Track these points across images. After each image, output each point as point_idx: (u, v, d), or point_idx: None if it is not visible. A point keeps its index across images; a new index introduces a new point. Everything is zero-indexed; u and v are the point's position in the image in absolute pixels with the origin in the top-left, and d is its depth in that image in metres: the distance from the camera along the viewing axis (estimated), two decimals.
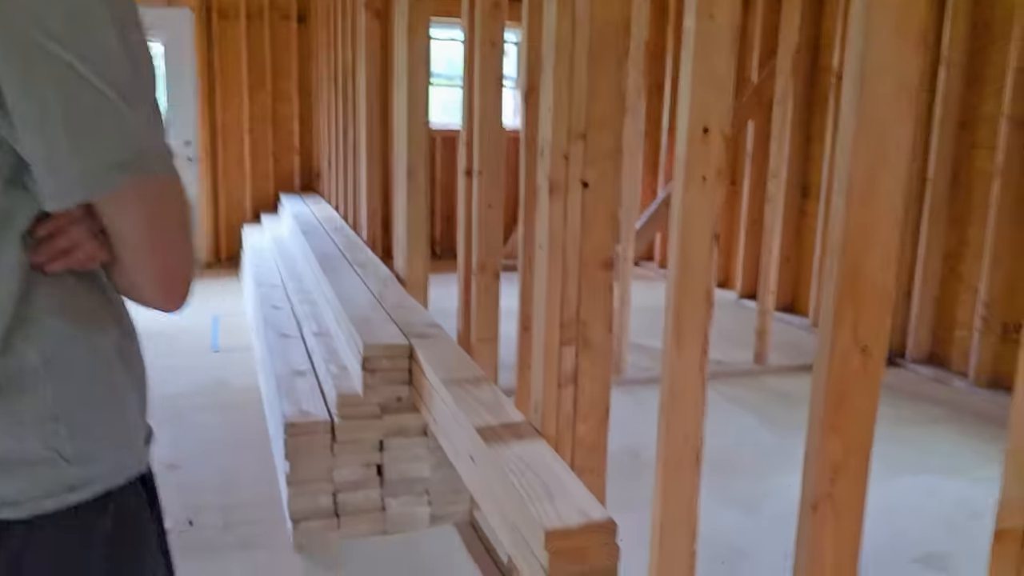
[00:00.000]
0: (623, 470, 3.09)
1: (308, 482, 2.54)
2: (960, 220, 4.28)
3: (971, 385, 4.06)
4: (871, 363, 1.15)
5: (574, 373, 1.85)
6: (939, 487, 3.02)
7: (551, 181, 1.78)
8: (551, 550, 1.47)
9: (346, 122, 5.14)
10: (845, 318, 1.13)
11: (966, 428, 3.59)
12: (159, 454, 3.20)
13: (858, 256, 1.10)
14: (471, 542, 2.61)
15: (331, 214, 5.45)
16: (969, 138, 4.20)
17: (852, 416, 1.16)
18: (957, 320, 4.31)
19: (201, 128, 6.61)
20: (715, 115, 1.44)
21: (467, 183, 2.70)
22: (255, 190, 6.85)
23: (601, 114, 1.75)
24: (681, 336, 1.49)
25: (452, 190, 7.21)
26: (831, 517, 1.20)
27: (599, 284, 1.84)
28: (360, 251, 4.10)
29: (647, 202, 6.54)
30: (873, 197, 1.09)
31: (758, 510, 2.83)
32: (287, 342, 3.38)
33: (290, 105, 6.81)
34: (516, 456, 1.76)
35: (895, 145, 1.07)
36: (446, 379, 2.21)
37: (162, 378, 4.11)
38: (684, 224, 1.47)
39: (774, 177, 4.09)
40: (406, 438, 2.60)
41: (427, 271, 3.41)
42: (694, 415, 1.51)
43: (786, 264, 5.44)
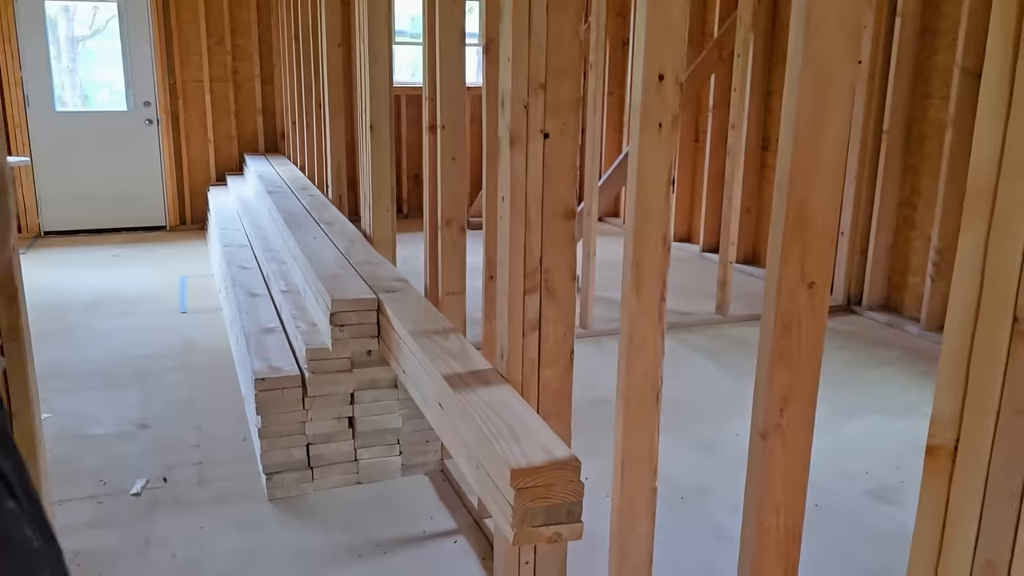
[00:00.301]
0: (590, 418, 3.18)
1: (281, 436, 2.58)
2: (913, 169, 4.38)
3: (923, 330, 4.20)
4: (817, 297, 1.21)
5: (538, 320, 1.90)
6: (890, 425, 3.15)
7: (512, 132, 1.81)
8: (516, 487, 1.53)
9: (309, 81, 5.09)
10: (792, 255, 1.18)
11: (917, 370, 3.73)
12: (129, 414, 3.23)
13: (804, 193, 1.15)
14: (442, 489, 2.68)
15: (296, 174, 5.41)
16: (922, 89, 4.29)
17: (799, 348, 1.22)
18: (910, 267, 4.44)
19: (160, 89, 6.49)
20: (670, 62, 1.48)
21: (431, 138, 2.72)
22: (218, 151, 6.76)
23: (560, 64, 1.78)
24: (640, 280, 1.54)
25: (418, 149, 7.17)
26: (780, 446, 1.27)
27: (561, 233, 1.88)
28: (326, 210, 4.10)
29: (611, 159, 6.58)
30: (818, 135, 1.14)
31: (718, 451, 2.93)
32: (256, 300, 3.39)
33: (251, 64, 6.70)
34: (483, 401, 1.81)
35: (839, 83, 1.12)
36: (414, 331, 2.25)
37: (130, 339, 4.10)
38: (641, 171, 1.52)
39: (734, 129, 4.14)
40: (376, 390, 2.64)
41: (394, 227, 3.43)
42: (653, 355, 1.57)
43: (747, 216, 5.53)
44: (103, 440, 3.01)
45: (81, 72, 6.73)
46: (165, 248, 6.19)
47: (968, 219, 0.92)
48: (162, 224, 6.79)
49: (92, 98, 6.78)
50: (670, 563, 2.25)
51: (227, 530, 2.43)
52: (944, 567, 0.97)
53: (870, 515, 2.52)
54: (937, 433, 0.98)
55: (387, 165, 3.35)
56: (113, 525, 2.45)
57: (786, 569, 1.31)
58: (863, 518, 2.50)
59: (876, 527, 2.45)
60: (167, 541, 2.37)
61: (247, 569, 2.24)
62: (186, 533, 2.41)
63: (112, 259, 5.84)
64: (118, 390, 3.47)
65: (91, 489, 2.66)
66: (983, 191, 0.90)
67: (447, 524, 2.47)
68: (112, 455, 2.89)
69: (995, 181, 0.89)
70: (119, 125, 6.53)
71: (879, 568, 2.25)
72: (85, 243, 6.35)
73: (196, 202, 6.81)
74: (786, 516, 1.27)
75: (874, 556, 2.31)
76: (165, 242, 6.41)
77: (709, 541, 2.38)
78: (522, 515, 1.54)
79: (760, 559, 1.29)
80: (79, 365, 3.75)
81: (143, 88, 6.50)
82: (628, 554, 1.65)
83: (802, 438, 1.26)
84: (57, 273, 5.41)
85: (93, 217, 6.61)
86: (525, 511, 1.54)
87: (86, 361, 3.81)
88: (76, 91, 6.71)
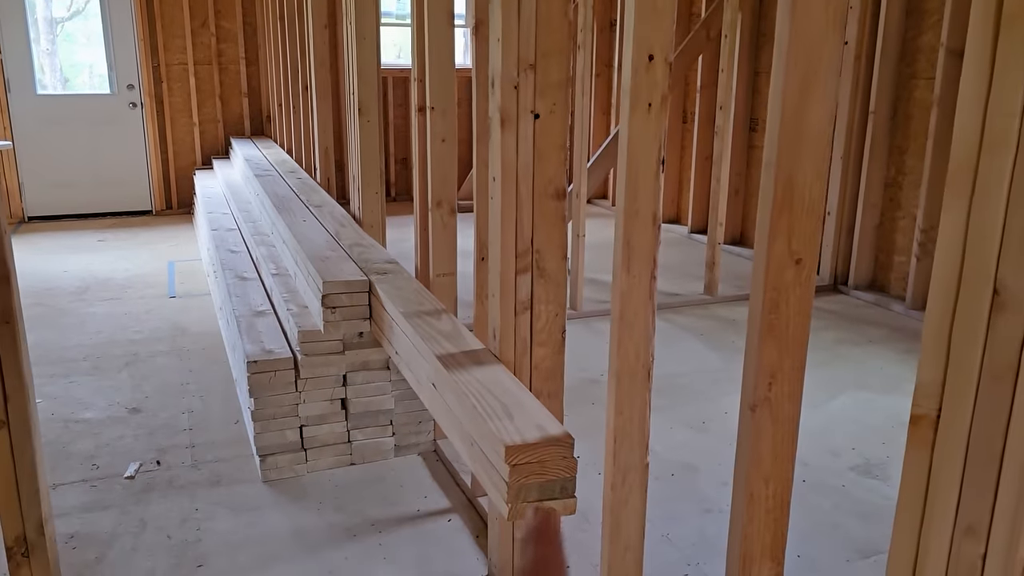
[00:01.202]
0: (581, 398, 3.22)
1: (274, 418, 2.60)
2: (899, 149, 4.42)
3: (908, 308, 4.25)
4: (804, 273, 1.23)
5: (530, 300, 1.92)
6: (875, 402, 3.20)
7: (502, 112, 1.82)
8: (511, 463, 1.56)
9: (295, 63, 5.06)
10: (779, 231, 1.20)
11: (902, 347, 3.78)
12: (120, 398, 3.23)
13: (791, 170, 1.17)
14: (435, 469, 2.70)
15: (283, 157, 5.39)
16: (908, 69, 4.31)
17: (787, 324, 1.24)
18: (896, 246, 4.49)
19: (144, 72, 6.43)
20: (659, 42, 1.49)
21: (420, 119, 2.72)
22: (204, 134, 6.72)
23: (550, 44, 1.79)
24: (630, 258, 1.56)
25: (406, 131, 7.15)
26: (768, 418, 1.30)
27: (552, 214, 1.90)
28: (315, 193, 4.10)
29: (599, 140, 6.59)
30: (805, 112, 1.16)
31: (707, 428, 2.97)
32: (246, 284, 3.39)
33: (236, 46, 6.65)
34: (476, 380, 1.83)
35: (825, 60, 1.14)
36: (406, 312, 2.27)
37: (120, 324, 4.10)
38: (631, 151, 1.53)
39: (722, 109, 4.16)
40: (369, 372, 2.66)
41: (383, 210, 3.43)
42: (644, 332, 1.59)
43: (735, 197, 5.56)
44: (94, 424, 3.01)
45: (60, 54, 6.66)
46: (151, 232, 6.17)
47: (950, 194, 0.94)
48: (148, 208, 6.75)
49: (72, 81, 6.72)
50: (660, 536, 2.29)
51: (222, 512, 2.45)
52: (927, 533, 1.00)
53: (856, 490, 2.56)
54: (920, 402, 1.01)
55: (376, 147, 3.35)
56: (108, 508, 2.46)
57: (775, 539, 1.34)
58: (850, 493, 2.55)
59: (862, 501, 2.50)
60: (162, 523, 2.38)
61: (243, 550, 2.26)
62: (181, 515, 2.42)
63: (98, 244, 5.82)
64: (108, 375, 3.47)
65: (84, 473, 2.67)
66: (965, 166, 0.92)
67: (441, 503, 2.50)
68: (104, 439, 2.90)
69: (976, 157, 0.91)
70: (102, 108, 6.48)
71: (866, 541, 2.30)
72: (70, 228, 6.31)
73: (182, 186, 6.78)
74: (775, 487, 1.30)
75: (861, 530, 2.35)
76: (151, 226, 6.38)
77: (699, 514, 2.42)
78: (516, 491, 1.56)
79: (749, 529, 1.32)
80: (68, 350, 3.75)
81: (126, 71, 6.44)
82: (620, 528, 1.68)
83: (790, 410, 1.28)
84: (43, 258, 5.38)
85: (78, 202, 6.57)
86: (520, 487, 1.56)
87: (75, 346, 3.80)
88: (56, 74, 6.64)
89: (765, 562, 1.35)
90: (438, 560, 2.22)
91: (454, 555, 2.24)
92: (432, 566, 2.19)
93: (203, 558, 2.22)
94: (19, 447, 1.65)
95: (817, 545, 2.27)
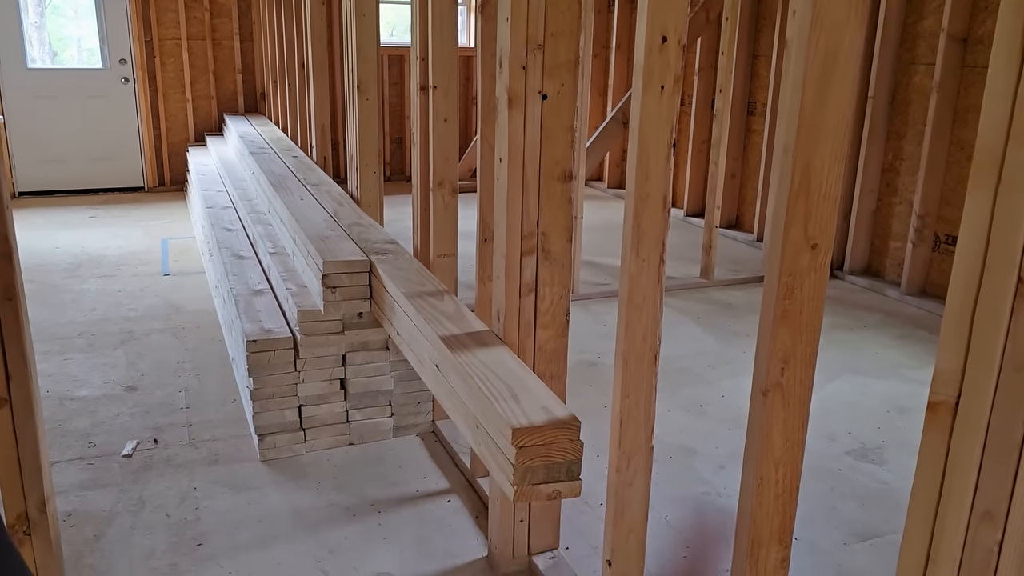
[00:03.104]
0: (579, 380, 3.22)
1: (273, 397, 2.59)
2: (897, 135, 4.42)
3: (903, 294, 4.27)
4: (819, 259, 1.23)
5: (535, 282, 1.91)
6: (870, 387, 3.21)
7: (510, 93, 1.80)
8: (518, 445, 1.56)
9: (291, 40, 5.00)
10: (796, 216, 1.20)
11: (897, 333, 3.80)
12: (116, 376, 3.21)
13: (809, 155, 1.17)
14: (434, 450, 2.71)
15: (279, 135, 5.35)
16: (908, 55, 4.30)
17: (801, 309, 1.24)
18: (892, 232, 4.50)
19: (136, 46, 6.35)
20: (673, 24, 1.48)
21: (422, 99, 2.69)
22: (197, 111, 6.65)
23: (559, 24, 1.77)
24: (640, 241, 1.55)
25: (400, 111, 7.10)
26: (780, 403, 1.30)
27: (558, 196, 1.88)
28: (311, 171, 4.06)
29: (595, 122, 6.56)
30: (825, 96, 1.15)
31: (704, 412, 2.98)
32: (243, 263, 3.37)
33: (230, 22, 6.57)
34: (480, 362, 1.83)
35: (847, 44, 1.13)
36: (408, 293, 2.26)
37: (114, 301, 4.07)
38: (643, 133, 1.52)
39: (721, 92, 4.14)
40: (368, 352, 2.65)
41: (381, 189, 3.41)
42: (652, 316, 1.59)
43: (731, 181, 5.56)
44: (90, 402, 3.00)
45: (48, 28, 6.56)
46: (144, 209, 6.11)
47: (975, 182, 0.93)
48: (140, 185, 6.69)
49: (60, 55, 6.62)
50: (659, 519, 2.30)
51: (220, 491, 2.44)
52: (942, 516, 1.00)
53: (853, 474, 2.58)
54: (939, 389, 1.01)
55: (375, 126, 3.32)
56: (106, 486, 2.45)
57: (783, 522, 1.34)
58: (846, 477, 2.56)
59: (859, 485, 2.52)
60: (161, 502, 2.38)
61: (242, 529, 2.26)
62: (180, 494, 2.42)
63: (90, 220, 5.76)
64: (103, 352, 3.45)
65: (81, 451, 2.65)
66: (991, 155, 0.91)
67: (440, 484, 2.50)
68: (100, 417, 2.88)
69: (1003, 145, 0.90)
70: (94, 83, 6.40)
71: (863, 525, 2.32)
72: (61, 204, 6.25)
73: (175, 163, 6.72)
74: (785, 471, 1.31)
75: (858, 513, 2.37)
76: (143, 203, 6.32)
77: (697, 498, 2.44)
78: (523, 473, 1.56)
79: (758, 513, 1.32)
80: (62, 327, 3.72)
81: (118, 45, 6.36)
82: (624, 511, 1.68)
83: (802, 395, 1.29)
84: (34, 235, 5.33)
85: (69, 177, 6.50)
86: (526, 469, 1.56)
87: (69, 323, 3.77)
88: (45, 47, 6.54)
89: (773, 545, 1.36)
90: (438, 540, 2.22)
91: (454, 536, 2.25)
92: (432, 546, 2.20)
93: (202, 537, 2.22)
94: (21, 425, 1.64)
95: (815, 528, 2.29)
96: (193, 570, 2.08)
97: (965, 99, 3.99)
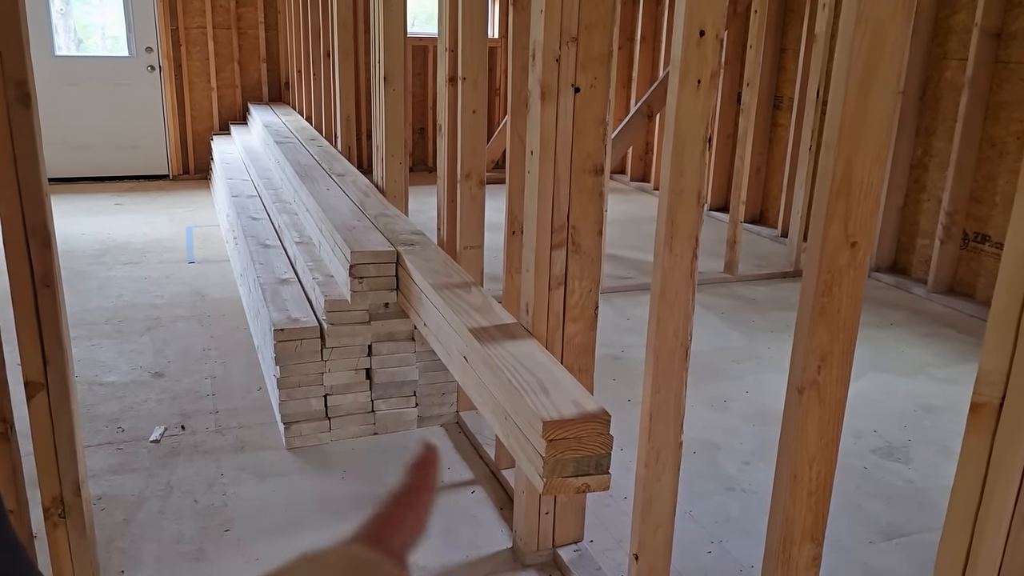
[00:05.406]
0: (603, 374, 3.22)
1: (299, 386, 2.61)
2: (927, 131, 4.36)
3: (929, 292, 4.22)
4: (859, 256, 1.22)
5: (564, 275, 1.91)
6: (896, 385, 3.19)
7: (542, 85, 1.80)
8: (548, 438, 1.56)
9: (316, 29, 5.01)
10: (836, 214, 1.19)
11: (923, 331, 3.77)
12: (143, 362, 3.25)
13: (851, 153, 1.15)
14: (458, 441, 2.72)
15: (303, 124, 5.37)
16: (939, 49, 4.25)
17: (839, 307, 1.23)
18: (920, 229, 4.45)
19: (163, 34, 6.39)
20: (711, 18, 1.47)
21: (451, 90, 2.69)
22: (222, 100, 6.69)
23: (593, 16, 1.76)
24: (673, 236, 1.55)
25: (423, 101, 7.11)
26: (816, 401, 1.29)
27: (589, 189, 1.88)
28: (337, 161, 4.08)
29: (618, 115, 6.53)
30: (868, 93, 1.14)
31: (728, 408, 2.97)
32: (268, 251, 3.39)
33: (255, 11, 6.59)
34: (510, 354, 1.83)
35: (891, 41, 1.12)
36: (436, 284, 2.26)
37: (140, 288, 4.11)
38: (678, 128, 1.51)
39: (748, 86, 4.11)
40: (394, 343, 2.66)
41: (407, 180, 3.42)
42: (684, 311, 1.58)
43: (756, 175, 5.52)
44: (118, 388, 3.03)
45: (74, 16, 6.61)
46: (168, 197, 6.16)
47: None
48: (164, 173, 6.74)
49: (86, 42, 6.67)
50: (684, 513, 2.30)
51: (247, 477, 2.46)
52: (983, 519, 1.00)
53: (879, 472, 2.57)
54: (982, 390, 1.00)
55: (400, 117, 3.32)
56: (134, 471, 2.48)
57: (816, 520, 1.34)
58: (872, 475, 2.55)
59: (885, 484, 2.50)
60: (189, 487, 2.40)
61: (269, 515, 2.28)
62: (207, 480, 2.44)
63: (115, 207, 5.82)
64: (130, 339, 3.49)
65: (110, 436, 2.69)
66: None
67: (464, 475, 2.51)
68: (128, 403, 2.92)
69: None
70: (120, 71, 6.45)
71: (888, 523, 2.31)
72: (87, 191, 6.31)
73: (199, 151, 6.76)
74: (819, 468, 1.30)
75: (884, 512, 2.36)
76: (168, 191, 6.37)
77: (722, 493, 2.43)
78: (552, 466, 1.57)
79: (792, 510, 1.32)
80: (89, 313, 3.76)
81: (144, 34, 6.40)
82: (652, 506, 1.68)
83: (838, 393, 1.28)
84: (61, 221, 5.38)
85: (94, 165, 6.56)
86: (555, 462, 1.57)
87: (96, 309, 3.82)
88: (70, 35, 6.59)
89: (805, 543, 1.35)
90: (463, 531, 2.23)
91: (479, 527, 2.26)
92: (457, 537, 2.21)
93: (230, 522, 2.24)
94: (57, 410, 1.66)
95: (840, 526, 2.28)
96: (220, 555, 2.10)
97: (998, 95, 3.93)
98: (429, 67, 7.00)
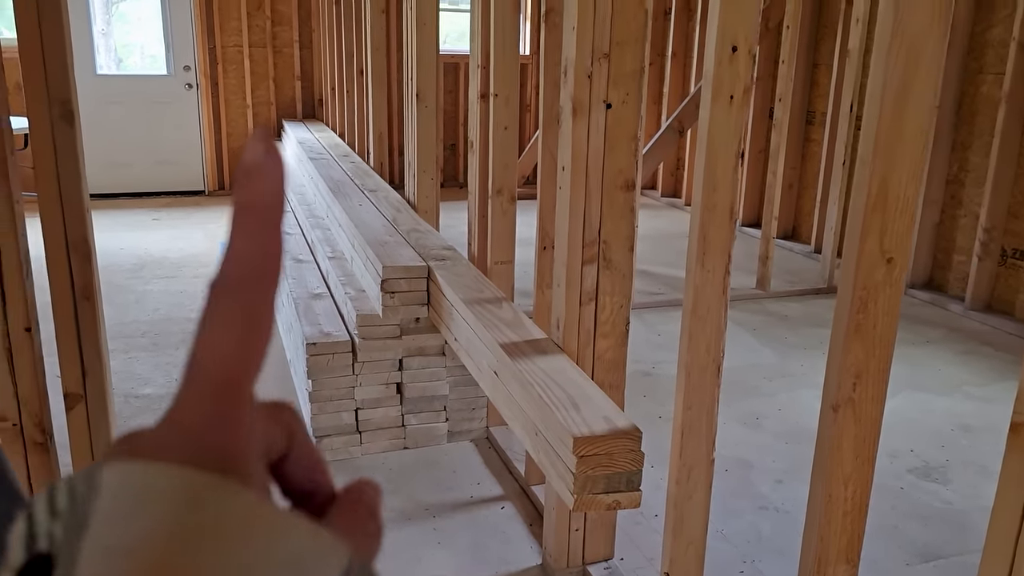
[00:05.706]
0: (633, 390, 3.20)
1: (330, 400, 2.63)
2: (963, 145, 4.30)
3: (966, 309, 4.15)
4: (895, 273, 1.21)
5: (595, 291, 1.91)
6: (933, 403, 3.13)
7: (574, 101, 1.81)
8: (579, 455, 1.56)
9: (350, 48, 5.09)
10: (872, 230, 1.18)
11: (959, 349, 3.70)
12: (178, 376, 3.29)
13: (887, 169, 1.15)
14: (488, 456, 2.72)
15: (336, 141, 5.43)
16: (976, 63, 4.20)
17: (875, 324, 1.22)
18: (956, 246, 4.38)
19: (200, 53, 6.52)
20: (743, 34, 1.47)
21: (483, 106, 2.71)
22: (257, 117, 6.80)
23: (625, 33, 1.77)
24: (705, 252, 1.54)
25: (455, 117, 7.16)
26: (851, 419, 1.27)
27: (621, 205, 1.88)
28: (369, 177, 4.12)
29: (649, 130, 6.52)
30: (904, 108, 1.13)
31: (760, 425, 2.94)
32: (301, 266, 3.43)
33: (290, 29, 6.71)
34: (540, 370, 1.83)
35: (927, 56, 1.11)
36: (467, 299, 2.27)
37: (176, 302, 4.18)
38: (710, 144, 1.51)
39: (780, 102, 4.09)
40: (424, 357, 2.67)
41: (438, 197, 3.44)
42: (716, 328, 1.58)
43: (788, 191, 5.47)
44: (154, 400, 3.08)
45: (115, 35, 6.77)
46: (204, 213, 6.26)
47: None
48: (200, 189, 6.86)
49: (125, 61, 6.83)
50: (716, 532, 2.28)
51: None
52: None
53: (915, 492, 2.52)
54: (1022, 410, 0.98)
55: (433, 133, 3.35)
56: None
57: (851, 540, 1.32)
58: (908, 495, 2.50)
59: (922, 504, 2.46)
60: None
61: None
62: None
63: (153, 223, 5.92)
64: (166, 352, 3.54)
65: None
66: None
67: (494, 490, 2.51)
68: None
69: None
70: (159, 89, 6.58)
71: (925, 545, 2.26)
72: (125, 206, 6.44)
73: (234, 166, 6.86)
74: (854, 488, 1.28)
75: (920, 533, 2.31)
76: (204, 207, 6.48)
77: (754, 512, 2.40)
78: (583, 482, 1.56)
79: (827, 530, 1.30)
80: (126, 326, 3.83)
81: (183, 52, 6.53)
82: (684, 523, 1.67)
83: (874, 412, 1.26)
84: (100, 236, 5.48)
85: (132, 181, 6.70)
86: (586, 479, 1.56)
87: (133, 322, 3.88)
88: (111, 54, 6.75)
89: (840, 564, 1.33)
90: (492, 547, 2.23)
91: (508, 542, 2.25)
92: (487, 552, 2.20)
93: None
94: (95, 421, 1.69)
95: (876, 547, 2.24)
96: None
97: None
98: (460, 84, 7.06)
